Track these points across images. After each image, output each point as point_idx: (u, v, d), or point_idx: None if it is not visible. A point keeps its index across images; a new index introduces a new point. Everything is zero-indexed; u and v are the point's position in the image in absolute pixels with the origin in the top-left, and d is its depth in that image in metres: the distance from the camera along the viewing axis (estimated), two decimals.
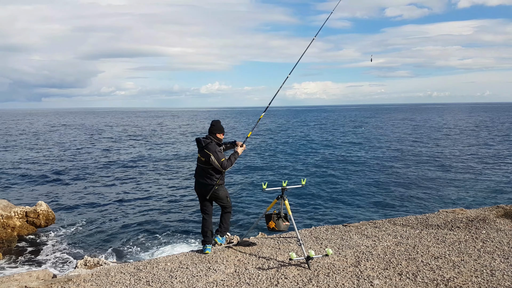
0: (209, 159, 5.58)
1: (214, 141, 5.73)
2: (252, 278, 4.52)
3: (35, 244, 14.20)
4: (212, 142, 5.69)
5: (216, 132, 5.83)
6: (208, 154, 5.58)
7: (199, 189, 5.88)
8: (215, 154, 5.56)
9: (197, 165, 5.88)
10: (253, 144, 47.13)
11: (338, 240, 5.83)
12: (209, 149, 5.60)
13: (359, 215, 17.32)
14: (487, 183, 22.87)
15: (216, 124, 5.89)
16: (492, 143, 42.63)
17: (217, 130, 5.84)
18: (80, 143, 49.72)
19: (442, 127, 71.24)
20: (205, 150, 5.63)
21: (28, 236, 14.79)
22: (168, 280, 4.59)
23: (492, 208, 7.22)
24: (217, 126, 5.86)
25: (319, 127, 79.68)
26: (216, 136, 5.83)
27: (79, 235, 15.27)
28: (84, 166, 30.95)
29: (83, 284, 4.58)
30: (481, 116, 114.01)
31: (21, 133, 67.07)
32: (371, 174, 26.28)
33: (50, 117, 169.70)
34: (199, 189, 5.87)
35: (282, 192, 5.44)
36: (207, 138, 5.79)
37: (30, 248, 13.82)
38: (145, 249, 13.86)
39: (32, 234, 15.00)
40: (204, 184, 5.76)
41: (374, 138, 52.31)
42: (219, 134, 5.85)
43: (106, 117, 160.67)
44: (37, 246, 14.06)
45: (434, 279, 4.32)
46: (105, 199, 20.76)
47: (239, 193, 21.68)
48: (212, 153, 5.57)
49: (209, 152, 5.58)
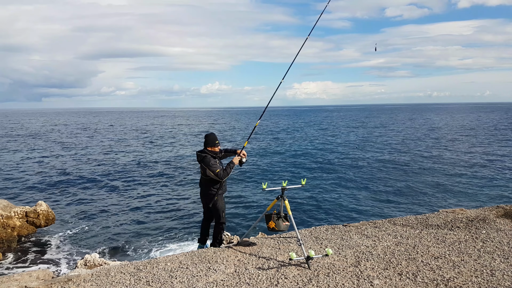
0: (206, 172, 5.93)
1: (208, 155, 6.00)
2: (252, 278, 4.52)
3: (35, 244, 14.19)
4: (207, 156, 5.98)
5: (208, 146, 6.10)
6: (204, 168, 5.94)
7: (202, 198, 6.25)
8: (210, 167, 5.88)
9: (200, 176, 6.24)
10: (253, 144, 47.14)
11: (338, 240, 5.83)
12: (204, 163, 5.93)
13: (359, 215, 17.32)
14: (487, 183, 22.87)
15: (206, 138, 6.16)
16: (492, 143, 42.63)
17: (208, 144, 6.10)
18: (81, 143, 49.74)
19: (442, 127, 71.24)
20: (201, 164, 5.98)
21: (28, 236, 14.79)
22: (168, 280, 4.59)
23: (492, 208, 7.21)
24: (207, 140, 6.13)
25: (319, 127, 79.69)
26: (208, 149, 6.09)
27: (79, 235, 15.27)
28: (84, 166, 30.96)
29: (83, 284, 4.58)
30: (480, 116, 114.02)
31: (21, 133, 67.08)
32: (371, 174, 26.28)
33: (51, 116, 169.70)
34: (202, 197, 6.24)
35: (282, 192, 5.44)
36: (202, 152, 6.10)
37: (30, 248, 13.82)
38: (145, 249, 13.86)
39: (32, 234, 15.00)
40: (206, 193, 6.11)
41: (374, 138, 52.31)
42: (211, 148, 6.09)
43: (107, 117, 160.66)
44: (37, 246, 14.06)
45: (434, 279, 4.32)
46: (105, 199, 20.77)
47: (239, 193, 21.69)
48: (207, 166, 5.90)
49: (205, 166, 5.92)
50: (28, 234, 14.87)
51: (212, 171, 5.85)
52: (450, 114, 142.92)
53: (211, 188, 6.02)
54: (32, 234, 14.98)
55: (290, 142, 48.81)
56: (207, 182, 6.05)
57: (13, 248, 13.70)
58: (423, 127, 70.74)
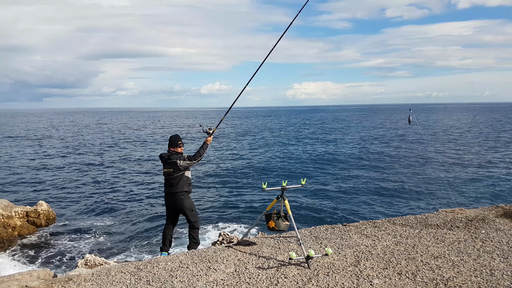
0: (177, 164, 6.19)
1: (174, 154, 6.33)
2: (252, 278, 4.54)
3: (35, 244, 14.22)
4: (172, 154, 6.33)
5: (171, 147, 6.43)
6: (174, 162, 6.20)
7: (167, 201, 6.46)
8: (179, 158, 6.22)
9: (164, 179, 6.42)
10: (253, 143, 47.15)
11: (338, 239, 5.84)
12: (172, 158, 6.27)
13: (358, 214, 17.34)
14: (486, 183, 22.88)
15: (170, 139, 6.49)
16: (491, 143, 42.62)
17: (171, 145, 6.43)
18: (81, 142, 49.74)
19: (441, 127, 71.20)
20: (169, 161, 6.24)
21: (28, 235, 14.82)
22: (168, 279, 4.61)
23: (492, 207, 7.22)
24: (170, 141, 6.46)
25: (319, 127, 79.66)
26: (171, 150, 6.42)
27: (80, 234, 15.29)
28: (85, 165, 30.97)
29: (83, 283, 4.59)
30: (480, 116, 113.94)
31: (22, 133, 67.09)
32: (371, 174, 26.28)
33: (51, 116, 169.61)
34: (168, 200, 6.45)
35: (282, 192, 5.45)
36: (168, 152, 6.42)
37: (31, 248, 13.84)
38: (146, 248, 13.88)
39: (33, 233, 15.02)
40: (172, 193, 6.33)
41: (373, 138, 52.30)
42: (173, 148, 6.39)
43: (107, 117, 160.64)
44: (38, 245, 14.08)
45: (433, 279, 4.33)
46: (106, 198, 20.79)
47: (239, 193, 21.70)
48: (176, 159, 6.21)
49: (174, 160, 6.22)
50: (28, 233, 14.90)
51: (182, 159, 6.18)
52: (449, 114, 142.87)
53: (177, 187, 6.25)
54: (32, 233, 15.01)
55: (290, 142, 48.82)
56: (172, 181, 6.25)
57: (13, 247, 13.72)
58: (422, 127, 70.71)
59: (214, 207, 19.03)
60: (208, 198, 20.82)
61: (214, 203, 19.73)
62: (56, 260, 12.86)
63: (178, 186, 6.29)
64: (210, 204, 19.53)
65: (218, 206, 19.18)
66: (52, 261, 12.78)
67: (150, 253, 13.35)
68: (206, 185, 23.77)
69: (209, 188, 23.02)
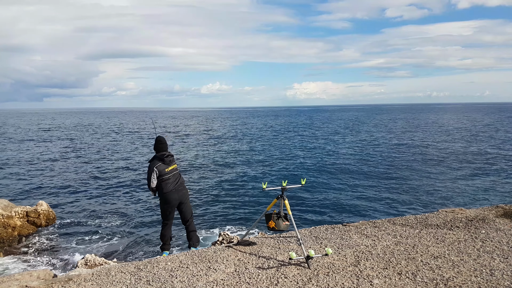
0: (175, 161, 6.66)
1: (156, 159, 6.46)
2: (252, 278, 4.54)
3: (35, 244, 14.22)
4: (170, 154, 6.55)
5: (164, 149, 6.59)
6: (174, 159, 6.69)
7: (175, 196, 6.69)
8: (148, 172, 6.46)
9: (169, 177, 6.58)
10: (253, 143, 47.15)
11: (338, 239, 5.84)
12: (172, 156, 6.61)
13: (358, 214, 17.34)
14: (486, 183, 22.88)
15: (163, 142, 6.60)
16: (491, 143, 42.62)
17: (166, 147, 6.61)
18: (82, 142, 49.74)
19: (441, 127, 71.20)
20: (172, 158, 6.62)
21: (28, 235, 14.81)
22: (168, 279, 4.61)
23: (492, 207, 7.22)
24: (165, 144, 6.60)
25: (319, 127, 79.66)
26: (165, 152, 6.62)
27: (80, 234, 15.29)
28: (86, 165, 30.97)
29: (83, 283, 4.59)
30: (480, 116, 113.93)
31: (22, 133, 67.09)
32: (371, 174, 26.29)
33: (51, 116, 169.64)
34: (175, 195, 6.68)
35: (282, 191, 5.44)
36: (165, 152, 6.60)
37: (31, 248, 13.84)
38: (146, 248, 13.88)
39: (33, 233, 15.02)
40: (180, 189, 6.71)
41: (373, 138, 52.30)
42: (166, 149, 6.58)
43: (107, 117, 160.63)
44: (38, 245, 14.08)
45: (433, 279, 4.33)
46: (106, 198, 20.78)
47: (239, 193, 21.70)
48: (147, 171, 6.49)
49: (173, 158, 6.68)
50: (28, 233, 14.89)
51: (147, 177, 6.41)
52: (449, 114, 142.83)
53: (183, 182, 6.69)
54: (32, 233, 15.01)
55: (290, 142, 48.82)
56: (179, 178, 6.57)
57: (13, 247, 13.72)
58: (422, 127, 70.71)
59: (214, 207, 19.03)
60: (208, 198, 20.82)
61: (214, 203, 19.73)
62: (56, 260, 12.86)
63: (183, 180, 6.75)
64: (210, 204, 19.53)
65: (218, 206, 19.19)
66: (52, 261, 12.78)
67: (150, 253, 13.35)
68: (206, 185, 23.77)
69: (209, 188, 23.02)
